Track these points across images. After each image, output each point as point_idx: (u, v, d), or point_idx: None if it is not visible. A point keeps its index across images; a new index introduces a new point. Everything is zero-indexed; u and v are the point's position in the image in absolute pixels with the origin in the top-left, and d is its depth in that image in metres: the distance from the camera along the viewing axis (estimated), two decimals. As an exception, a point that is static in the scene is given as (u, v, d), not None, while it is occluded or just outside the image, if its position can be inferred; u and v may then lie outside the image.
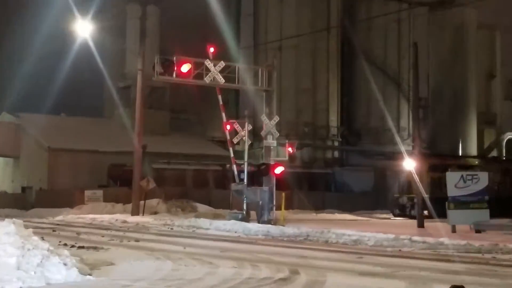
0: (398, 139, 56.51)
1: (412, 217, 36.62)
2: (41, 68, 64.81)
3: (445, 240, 19.32)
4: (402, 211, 38.09)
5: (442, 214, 35.37)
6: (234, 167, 30.51)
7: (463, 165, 39.94)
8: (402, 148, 39.28)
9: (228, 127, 31.15)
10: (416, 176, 32.12)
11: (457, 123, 59.20)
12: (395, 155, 41.40)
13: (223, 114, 31.24)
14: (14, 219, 13.65)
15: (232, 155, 31.10)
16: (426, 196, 34.54)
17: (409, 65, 55.43)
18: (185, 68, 27.91)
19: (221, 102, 31.31)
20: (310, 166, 51.24)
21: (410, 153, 36.41)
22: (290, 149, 30.63)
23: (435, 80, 60.92)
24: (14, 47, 65.61)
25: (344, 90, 57.78)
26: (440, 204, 35.56)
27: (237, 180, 30.13)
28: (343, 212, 42.44)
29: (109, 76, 49.29)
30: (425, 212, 35.98)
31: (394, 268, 13.47)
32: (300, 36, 51.71)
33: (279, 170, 29.05)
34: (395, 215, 38.64)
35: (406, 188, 37.97)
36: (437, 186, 37.31)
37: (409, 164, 33.63)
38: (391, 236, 20.28)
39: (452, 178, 25.67)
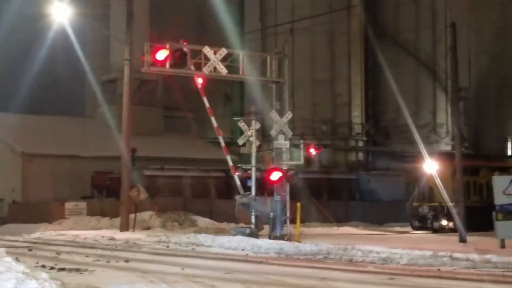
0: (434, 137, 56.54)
1: (434, 230, 36.79)
2: (11, 59, 65.11)
3: (493, 257, 19.25)
4: (423, 223, 38.06)
5: (472, 227, 35.48)
6: (236, 177, 30.54)
7: (498, 167, 39.63)
8: (438, 148, 39.18)
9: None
10: (449, 182, 32.06)
11: (505, 118, 58.81)
12: (431, 157, 41.33)
13: (213, 119, 31.26)
14: (-18, 237, 13.71)
15: (230, 163, 31.13)
16: (451, 204, 34.53)
17: (446, 50, 55.42)
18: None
19: (207, 105, 31.29)
20: (329, 171, 51.23)
21: (431, 153, 36.28)
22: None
23: (478, 67, 60.71)
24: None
25: (368, 80, 57.78)
26: (469, 215, 35.70)
27: (240, 191, 30.11)
28: (370, 225, 42.48)
29: (91, 69, 49.50)
30: (450, 225, 35.95)
31: (431, 291, 13.45)
32: (315, 16, 51.73)
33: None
34: (414, 228, 38.70)
35: (428, 196, 37.93)
36: (464, 192, 37.49)
37: (431, 167, 33.42)
38: (428, 253, 20.23)
39: (500, 183, 25.57)
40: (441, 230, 36.54)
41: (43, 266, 17.15)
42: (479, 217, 36.04)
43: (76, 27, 38.17)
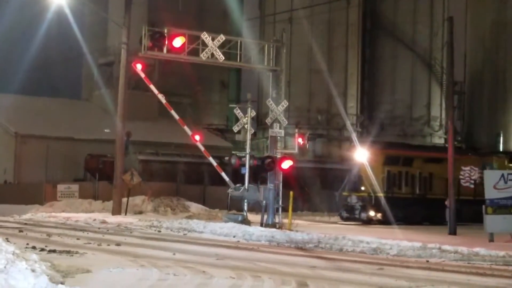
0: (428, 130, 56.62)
1: (362, 221, 35.66)
2: (7, 40, 64.85)
3: (481, 250, 19.36)
4: (351, 214, 36.52)
5: (402, 219, 34.88)
6: (224, 175, 30.60)
7: (432, 157, 38.35)
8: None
9: (198, 137, 31.26)
10: (380, 171, 31.20)
11: (498, 113, 58.97)
12: (362, 146, 40.56)
13: (186, 128, 31.35)
14: (-26, 216, 13.71)
15: (214, 163, 31.17)
16: (380, 195, 34.20)
17: (443, 43, 55.45)
18: (178, 42, 27.93)
19: (177, 117, 31.46)
20: (323, 160, 51.26)
21: (363, 141, 35.59)
22: (300, 140, 30.64)
23: (473, 61, 60.79)
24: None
25: (365, 71, 57.72)
26: (399, 206, 35.00)
27: (230, 185, 30.20)
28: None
29: (88, 51, 49.41)
30: (378, 216, 35.29)
31: (419, 282, 13.52)
32: (314, 6, 51.63)
33: (286, 164, 29.08)
34: (343, 219, 37.12)
35: (357, 185, 36.55)
36: (395, 183, 36.75)
37: (361, 155, 32.93)
38: (417, 244, 20.34)
39: (491, 177, 25.72)
40: (370, 221, 35.44)
41: (34, 248, 17.18)
42: (410, 209, 36.14)
43: (74, 9, 38.10)
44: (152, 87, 31.94)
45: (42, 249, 17.01)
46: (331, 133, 53.93)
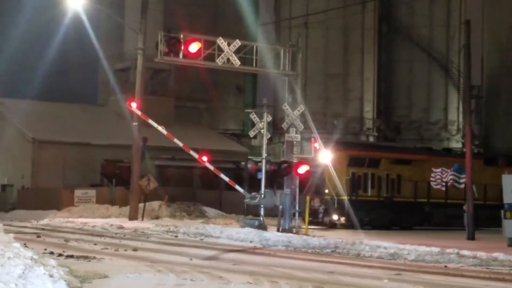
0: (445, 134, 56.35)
1: (325, 225, 34.61)
2: (26, 47, 65.29)
3: (500, 255, 19.21)
4: (314, 217, 35.04)
5: (368, 223, 33.92)
6: (238, 187, 30.57)
7: (401, 159, 37.16)
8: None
9: (205, 158, 31.72)
10: (344, 174, 29.75)
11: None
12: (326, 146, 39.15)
13: (192, 152, 31.80)
14: (-8, 222, 13.78)
15: (227, 179, 31.17)
16: (344, 198, 33.11)
17: (460, 47, 55.20)
18: (194, 47, 27.97)
19: (181, 144, 31.78)
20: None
21: (333, 143, 33.75)
22: (316, 145, 30.59)
23: (490, 65, 60.44)
24: (-6, 21, 66.05)
25: (381, 76, 57.61)
26: (364, 210, 33.98)
27: (246, 196, 30.14)
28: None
29: (104, 57, 49.58)
30: (342, 220, 34.11)
31: (438, 288, 13.46)
32: (329, 10, 51.59)
33: (303, 169, 29.03)
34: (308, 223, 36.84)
35: (320, 188, 35.38)
36: (360, 185, 35.65)
37: (325, 157, 31.81)
38: (435, 249, 20.23)
39: (509, 181, 25.49)
40: (333, 225, 34.53)
41: (51, 253, 17.24)
42: (377, 213, 35.07)
43: (90, 15, 38.28)
44: (151, 121, 32.27)
45: (60, 255, 17.07)
46: (347, 137, 53.83)
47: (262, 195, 29.37)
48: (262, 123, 29.72)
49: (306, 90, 46.14)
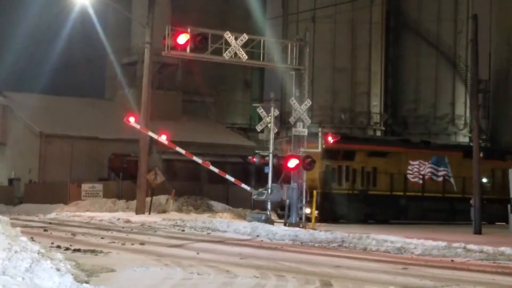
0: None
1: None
2: (33, 41, 65.40)
3: (507, 249, 19.17)
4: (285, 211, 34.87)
5: (342, 216, 33.09)
6: (244, 186, 30.44)
7: (378, 151, 36.37)
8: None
9: (209, 163, 31.42)
10: (316, 166, 29.28)
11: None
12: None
13: (196, 158, 31.83)
14: (-1, 216, 13.82)
15: (232, 179, 31.04)
16: (317, 191, 31.59)
17: (467, 41, 55.00)
18: (201, 41, 27.78)
19: (183, 152, 31.96)
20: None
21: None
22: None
23: (498, 59, 60.28)
24: (2, 16, 66.22)
25: (388, 70, 57.52)
26: (338, 203, 33.07)
27: (253, 193, 30.02)
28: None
29: (111, 51, 49.65)
30: (314, 213, 33.00)
31: (444, 282, 13.43)
32: (337, 5, 51.50)
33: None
34: (279, 216, 34.70)
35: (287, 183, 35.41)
36: (334, 178, 34.84)
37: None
38: (442, 243, 20.20)
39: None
40: (305, 219, 32.57)
41: (58, 247, 17.28)
42: (351, 206, 33.94)
43: (98, 9, 38.33)
44: (150, 133, 32.91)
45: (67, 248, 17.11)
46: (355, 132, 53.78)
47: (269, 190, 29.35)
48: (269, 117, 29.69)
49: (313, 84, 46.05)
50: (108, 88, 61.77)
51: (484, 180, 38.37)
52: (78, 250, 16.90)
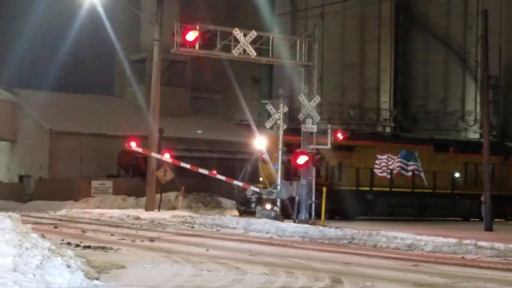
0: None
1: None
2: (42, 37, 65.52)
3: (518, 246, 19.15)
4: (248, 207, 33.79)
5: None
6: (253, 188, 30.24)
7: (344, 145, 34.44)
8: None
9: (215, 172, 31.38)
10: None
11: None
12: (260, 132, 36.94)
13: (202, 170, 31.74)
14: (10, 212, 13.85)
15: (240, 184, 30.89)
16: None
17: (477, 37, 54.82)
18: (210, 38, 27.76)
19: (188, 166, 32.25)
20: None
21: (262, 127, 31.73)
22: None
23: (508, 55, 60.07)
24: (10, 14, 66.38)
25: (398, 66, 57.39)
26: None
27: (264, 193, 29.77)
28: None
29: (120, 48, 49.66)
30: (275, 209, 31.23)
31: (455, 279, 13.40)
32: (346, 0, 51.40)
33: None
34: (240, 213, 34.51)
35: (254, 176, 34.05)
36: (296, 173, 32.59)
37: (259, 143, 30.36)
38: (453, 240, 20.16)
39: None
40: None
41: (69, 244, 17.34)
42: (315, 202, 31.22)
43: (106, 6, 38.29)
44: (153, 154, 33.12)
45: (77, 245, 17.17)
46: (364, 128, 53.70)
47: (278, 187, 29.35)
48: (279, 114, 29.69)
49: (322, 80, 46.02)
50: (117, 85, 61.82)
51: (457, 174, 37.98)
52: (88, 247, 16.95)
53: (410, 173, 36.55)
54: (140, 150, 33.21)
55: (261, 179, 33.39)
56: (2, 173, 52.65)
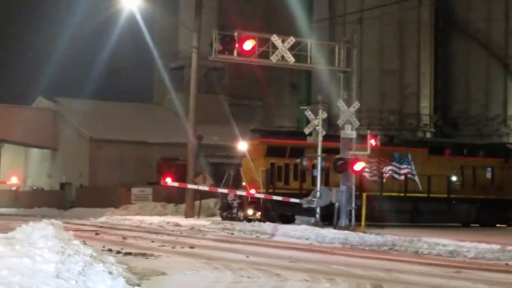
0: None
1: (240, 220, 32.40)
2: (82, 46, 66.30)
3: None
4: (229, 212, 33.42)
5: (289, 218, 31.02)
6: (293, 199, 30.15)
7: (329, 148, 31.78)
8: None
9: (253, 191, 30.77)
10: (261, 164, 28.54)
11: None
12: (243, 135, 35.82)
13: (237, 192, 31.12)
14: (52, 220, 14.02)
15: (280, 198, 30.59)
16: (260, 191, 30.51)
17: (519, 41, 54.14)
18: (248, 45, 27.97)
19: (209, 186, 32.53)
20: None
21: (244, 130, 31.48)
22: (373, 142, 30.31)
23: (550, 58, 59.12)
24: (50, 22, 67.31)
25: (438, 71, 56.87)
26: (284, 204, 30.54)
27: (304, 203, 29.73)
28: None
29: (159, 56, 50.06)
30: (258, 215, 31.54)
31: (499, 286, 13.23)
32: (385, 6, 51.15)
33: (359, 166, 28.88)
34: (223, 218, 33.86)
35: (236, 181, 33.60)
36: (280, 177, 32.75)
37: (241, 146, 29.80)
38: (496, 247, 19.89)
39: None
40: (249, 221, 31.69)
41: (110, 250, 17.47)
42: (300, 207, 30.74)
43: (145, 14, 38.64)
44: (189, 185, 33.90)
45: (118, 252, 17.29)
46: (404, 134, 53.30)
47: (318, 193, 29.28)
48: (317, 120, 29.63)
49: (361, 86, 45.81)
50: (156, 93, 62.30)
51: (453, 178, 36.56)
52: (129, 254, 17.06)
53: (402, 177, 35.40)
54: (176, 184, 33.11)
55: (244, 183, 32.89)
56: (44, 181, 53.37)
